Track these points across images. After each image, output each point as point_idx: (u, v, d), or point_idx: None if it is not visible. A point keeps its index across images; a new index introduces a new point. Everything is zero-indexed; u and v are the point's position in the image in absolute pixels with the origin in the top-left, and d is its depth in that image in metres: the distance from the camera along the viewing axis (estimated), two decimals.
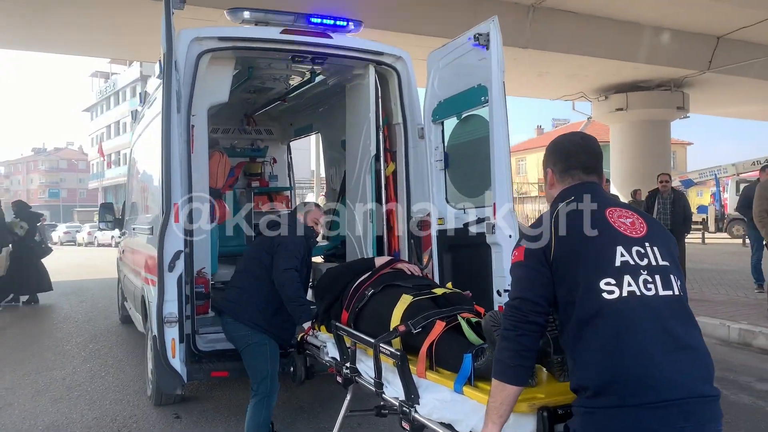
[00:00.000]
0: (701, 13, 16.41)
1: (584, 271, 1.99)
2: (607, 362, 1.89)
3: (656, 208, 9.28)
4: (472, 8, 15.55)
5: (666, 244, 2.10)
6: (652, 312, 1.94)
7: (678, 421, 1.84)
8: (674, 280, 2.03)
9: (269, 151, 8.30)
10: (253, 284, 3.95)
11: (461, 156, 5.07)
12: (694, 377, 1.90)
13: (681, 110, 21.63)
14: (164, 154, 3.68)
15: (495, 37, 4.53)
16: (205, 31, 4.62)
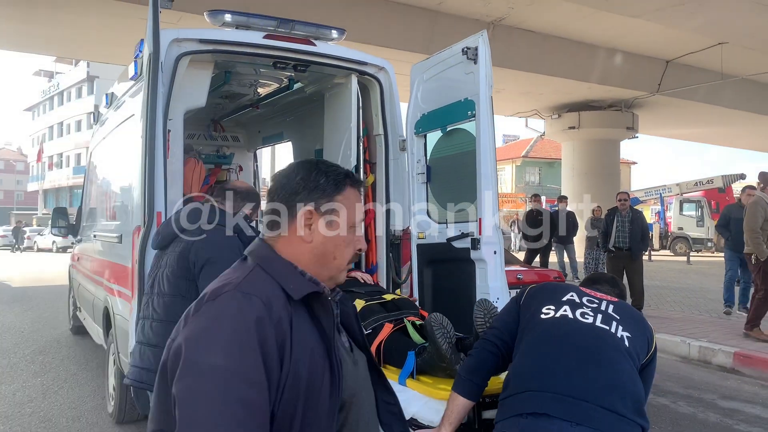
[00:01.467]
0: (652, 37, 16.96)
1: (538, 304, 2.42)
2: (523, 360, 2.27)
3: (615, 225, 9.44)
4: (431, 23, 15.70)
5: (627, 312, 2.41)
6: (574, 330, 2.26)
7: (557, 410, 2.04)
8: (616, 326, 2.29)
9: (235, 159, 8.08)
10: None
11: (445, 169, 5.02)
12: (596, 387, 2.09)
13: (630, 130, 22.30)
14: (147, 161, 3.48)
15: (483, 51, 4.52)
16: (186, 33, 4.42)
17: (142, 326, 2.93)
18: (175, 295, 2.81)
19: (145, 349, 2.86)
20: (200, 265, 2.77)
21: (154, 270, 3.00)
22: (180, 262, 2.81)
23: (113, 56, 18.51)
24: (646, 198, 27.97)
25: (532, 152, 44.71)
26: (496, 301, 4.44)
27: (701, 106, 21.13)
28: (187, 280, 2.79)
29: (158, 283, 2.91)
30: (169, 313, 2.79)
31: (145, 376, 2.79)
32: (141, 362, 2.86)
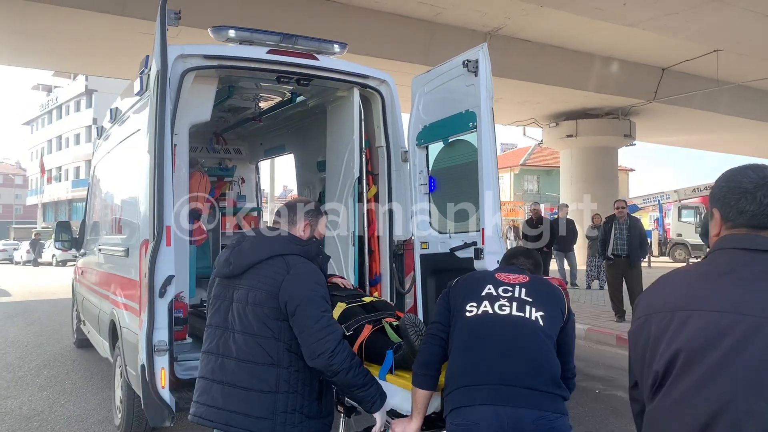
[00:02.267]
0: (648, 45, 17.08)
1: (463, 296, 2.74)
2: (455, 360, 2.61)
3: (613, 233, 9.49)
4: (429, 34, 15.82)
5: (538, 290, 2.71)
6: (497, 325, 2.58)
7: (487, 398, 2.42)
8: (530, 310, 2.61)
9: (237, 171, 8.15)
10: (281, 379, 2.65)
11: (447, 180, 5.07)
12: (521, 372, 2.46)
13: (628, 138, 22.39)
14: (156, 176, 3.53)
15: (483, 63, 4.59)
16: (191, 49, 4.49)
17: (217, 362, 2.72)
18: (267, 337, 2.66)
19: (215, 386, 2.69)
20: (294, 305, 2.65)
21: (221, 301, 2.80)
22: (270, 302, 2.66)
23: (114, 71, 18.62)
24: (644, 205, 28.04)
25: (530, 160, 44.82)
26: None
27: (698, 113, 21.26)
28: (279, 321, 2.66)
29: (240, 320, 2.69)
30: (257, 354, 2.64)
31: (211, 414, 2.67)
32: (207, 399, 2.69)
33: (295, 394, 2.66)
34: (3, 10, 12.69)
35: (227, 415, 2.63)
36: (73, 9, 12.62)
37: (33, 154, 69.84)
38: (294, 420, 2.63)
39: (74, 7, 12.58)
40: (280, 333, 2.66)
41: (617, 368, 7.43)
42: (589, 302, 12.18)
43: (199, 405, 2.74)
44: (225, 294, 2.79)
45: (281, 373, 2.64)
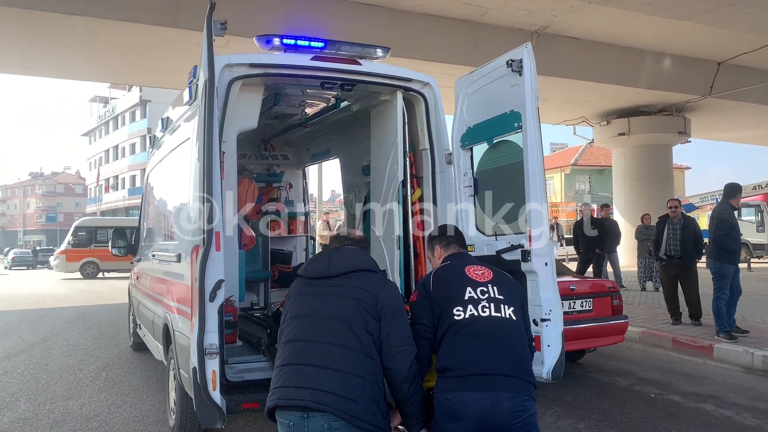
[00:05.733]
0: (702, 39, 16.59)
1: (447, 298, 3.09)
2: (448, 354, 2.98)
3: (666, 233, 9.22)
4: (474, 34, 15.72)
5: (505, 285, 3.20)
6: (482, 326, 3.00)
7: (476, 386, 2.85)
8: (504, 308, 3.08)
9: (285, 177, 8.26)
10: (369, 368, 2.83)
11: (492, 182, 5.03)
12: (501, 364, 2.92)
13: (683, 135, 21.80)
14: (206, 182, 3.62)
15: (528, 63, 4.54)
16: (237, 58, 4.58)
17: (306, 347, 2.86)
18: (362, 328, 2.88)
19: (304, 368, 2.81)
20: (389, 310, 2.96)
21: (308, 295, 3.03)
22: (369, 300, 2.93)
23: (166, 81, 19.15)
24: (701, 204, 27.09)
25: (581, 160, 44.05)
26: (549, 313, 4.44)
27: (756, 108, 20.56)
28: (374, 319, 2.91)
29: (336, 310, 2.91)
30: (351, 341, 2.83)
31: (299, 394, 2.75)
32: (296, 381, 2.79)
33: (377, 386, 2.84)
34: (63, 27, 13.19)
35: (318, 394, 2.70)
36: (127, 23, 13.05)
37: (91, 163, 72.44)
38: (374, 410, 2.77)
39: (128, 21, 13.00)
40: (373, 329, 2.90)
41: (673, 372, 7.22)
42: (643, 304, 11.88)
43: (283, 389, 2.79)
44: (314, 291, 3.02)
45: (370, 363, 2.83)
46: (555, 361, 4.38)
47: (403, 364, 2.87)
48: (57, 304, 16.06)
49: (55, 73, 19.18)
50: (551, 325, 4.39)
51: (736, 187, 8.68)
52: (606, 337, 7.01)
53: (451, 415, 2.86)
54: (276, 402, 2.77)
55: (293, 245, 8.22)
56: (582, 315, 6.81)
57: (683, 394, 6.25)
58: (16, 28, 13.38)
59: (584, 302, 6.86)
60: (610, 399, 6.21)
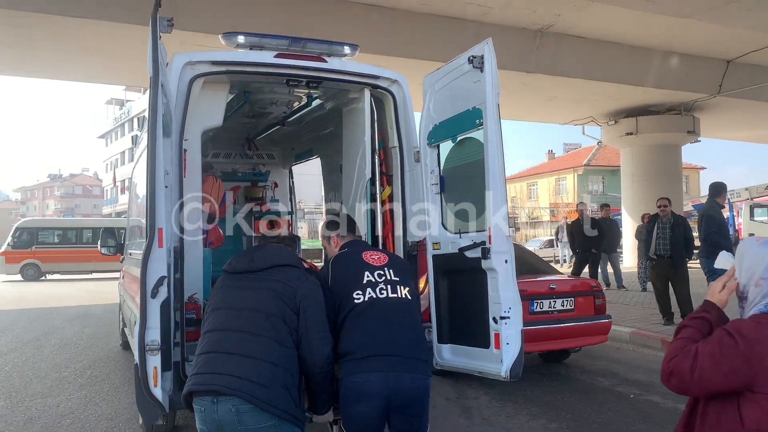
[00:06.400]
0: (710, 37, 16.37)
1: (346, 283, 3.29)
2: (351, 337, 3.16)
3: (655, 233, 9.12)
4: (477, 34, 15.61)
5: (399, 267, 3.51)
6: (381, 307, 3.23)
7: (379, 366, 3.05)
8: (401, 289, 3.34)
9: (271, 176, 8.28)
10: (283, 356, 2.88)
11: (457, 179, 4.99)
12: (401, 344, 3.17)
13: (692, 134, 21.51)
14: (149, 178, 3.63)
15: (489, 59, 4.47)
16: (198, 56, 4.59)
17: (221, 336, 2.95)
18: (279, 318, 2.97)
19: (219, 356, 2.88)
20: (306, 304, 3.07)
21: (229, 289, 3.20)
22: (288, 293, 3.03)
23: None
24: None
25: (594, 160, 43.72)
26: (508, 311, 4.39)
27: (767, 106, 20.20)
28: (291, 311, 2.99)
29: (254, 301, 3.01)
30: (266, 329, 2.92)
31: (211, 380, 2.82)
32: (208, 369, 2.86)
33: (290, 373, 2.87)
34: (79, 31, 13.31)
35: (228, 379, 2.75)
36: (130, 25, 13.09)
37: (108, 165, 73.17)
38: (286, 396, 2.80)
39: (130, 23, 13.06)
40: (290, 319, 2.97)
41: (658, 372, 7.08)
42: (640, 305, 11.72)
43: (197, 376, 2.87)
44: (236, 284, 3.16)
45: (284, 351, 2.89)
46: (514, 360, 4.32)
47: (320, 357, 2.96)
48: (60, 303, 16.26)
49: (45, 74, 19.22)
50: (510, 323, 4.33)
51: (720, 186, 8.67)
52: (588, 336, 6.94)
53: (358, 397, 3.04)
54: (189, 389, 2.84)
55: None
56: (563, 314, 6.75)
57: (663, 395, 6.16)
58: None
59: (565, 301, 6.79)
60: (589, 399, 6.14)
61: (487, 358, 4.50)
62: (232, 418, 2.70)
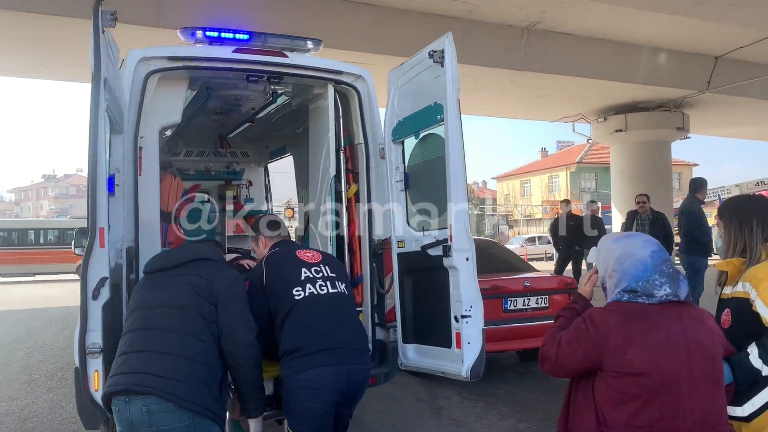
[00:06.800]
0: (698, 33, 16.30)
1: (284, 281, 3.30)
2: (296, 334, 3.15)
3: (634, 229, 9.05)
4: (463, 31, 15.51)
5: (334, 264, 3.62)
6: (323, 303, 3.26)
7: (329, 360, 3.09)
8: (339, 284, 3.41)
9: (246, 174, 8.17)
10: (201, 351, 2.80)
11: (421, 176, 4.91)
12: (348, 337, 3.24)
13: (681, 131, 21.43)
14: (89, 176, 3.52)
15: (450, 53, 4.41)
16: (154, 51, 4.49)
17: (138, 335, 2.92)
18: (194, 311, 2.95)
19: (135, 356, 2.84)
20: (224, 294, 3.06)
21: (147, 289, 3.16)
22: (205, 286, 3.01)
23: None
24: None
25: (587, 158, 43.70)
26: (469, 309, 4.30)
27: (757, 103, 20.14)
28: (208, 303, 2.95)
29: (169, 297, 2.99)
30: (181, 324, 2.89)
31: (127, 380, 2.76)
32: (124, 369, 2.80)
33: (209, 368, 2.80)
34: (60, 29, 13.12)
35: (141, 377, 2.70)
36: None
37: None
38: (204, 392, 2.73)
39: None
40: (206, 312, 2.90)
41: None
42: None
43: (112, 377, 2.81)
44: (152, 283, 3.13)
45: (201, 346, 2.82)
46: (475, 359, 4.24)
47: (242, 347, 2.89)
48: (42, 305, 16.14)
49: None
50: (471, 322, 4.25)
51: (701, 181, 8.64)
52: None
53: (309, 393, 3.03)
54: (105, 391, 2.80)
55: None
56: (537, 312, 6.67)
57: None
58: None
59: (540, 299, 6.72)
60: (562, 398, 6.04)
61: (448, 357, 4.42)
62: (143, 418, 2.64)
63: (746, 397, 2.29)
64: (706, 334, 2.16)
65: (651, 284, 2.16)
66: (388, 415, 5.73)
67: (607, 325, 2.14)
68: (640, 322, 2.12)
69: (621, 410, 2.09)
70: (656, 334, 2.09)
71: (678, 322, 2.13)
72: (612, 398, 2.11)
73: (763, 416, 2.24)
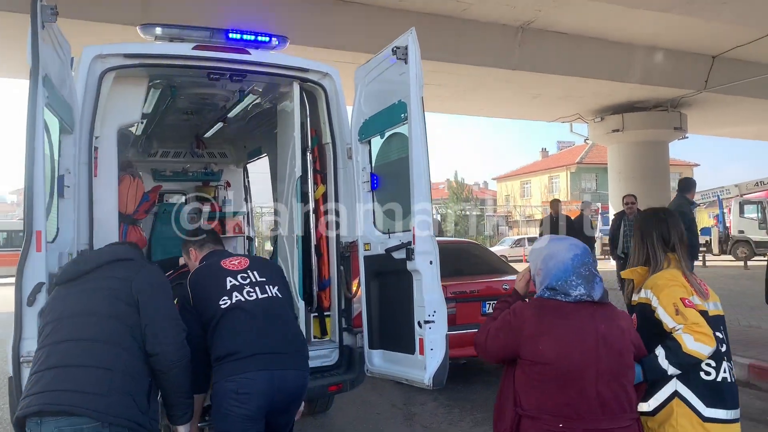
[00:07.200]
0: (695, 32, 16.14)
1: (209, 297, 3.17)
2: (226, 340, 3.06)
3: (622, 230, 8.86)
4: (457, 31, 15.39)
5: (263, 268, 3.41)
6: (252, 308, 3.14)
7: (260, 365, 2.97)
8: (269, 288, 3.26)
9: (224, 175, 8.04)
10: (120, 359, 2.59)
11: (387, 177, 4.76)
12: (281, 341, 3.11)
13: (679, 131, 21.25)
14: (26, 177, 3.38)
15: (413, 50, 4.24)
16: (109, 48, 4.35)
17: (50, 350, 2.68)
18: (109, 317, 2.76)
19: (47, 373, 2.60)
20: (146, 294, 2.88)
21: (58, 300, 2.88)
22: (123, 287, 2.82)
23: None
24: (702, 201, 26.56)
25: (587, 158, 43.47)
26: (432, 314, 4.15)
27: (754, 102, 19.96)
28: (127, 305, 2.76)
29: (82, 304, 2.76)
30: (98, 333, 2.67)
31: (40, 400, 2.52)
32: (37, 388, 2.57)
33: (132, 377, 2.60)
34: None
35: (54, 396, 2.48)
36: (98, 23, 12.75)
37: None
38: (128, 402, 2.54)
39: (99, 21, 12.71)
40: (126, 316, 2.69)
41: None
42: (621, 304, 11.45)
43: (24, 399, 2.56)
44: (64, 293, 2.85)
45: (120, 353, 2.61)
46: (438, 366, 4.09)
47: (169, 347, 2.69)
48: None
49: None
50: (435, 328, 4.11)
51: (690, 181, 8.47)
52: None
53: (240, 398, 2.92)
54: (18, 414, 2.53)
55: (232, 246, 7.96)
56: None
57: None
58: None
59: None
60: None
61: (412, 364, 4.28)
62: None
63: (650, 393, 2.54)
64: (616, 331, 2.35)
65: (568, 284, 2.36)
66: (359, 421, 5.59)
67: (524, 317, 2.37)
68: (553, 317, 2.34)
69: (533, 394, 2.31)
70: (567, 329, 2.31)
71: (590, 320, 2.33)
72: (526, 384, 2.33)
73: (665, 409, 2.49)
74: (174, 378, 2.73)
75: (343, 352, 4.87)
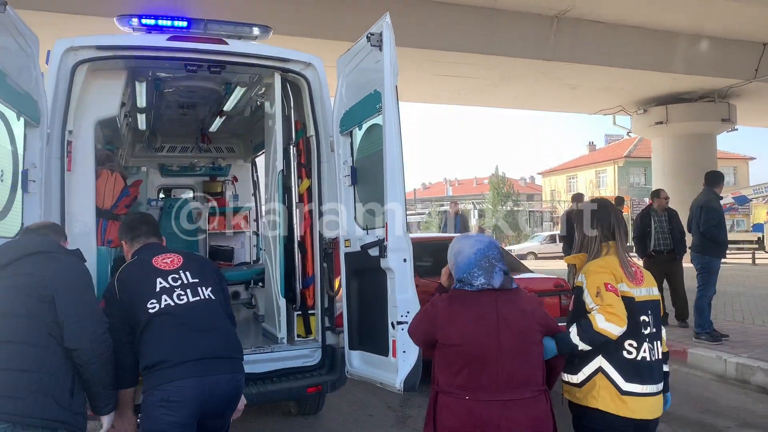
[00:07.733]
0: (742, 18, 15.38)
1: (137, 299, 3.00)
2: (154, 348, 2.90)
3: (653, 227, 8.36)
4: (489, 21, 15.01)
5: (197, 268, 3.20)
6: (182, 313, 2.98)
7: (190, 372, 2.84)
8: (202, 290, 3.10)
9: (232, 170, 7.97)
10: (35, 358, 2.51)
11: (366, 170, 4.55)
12: (212, 346, 2.96)
13: (727, 122, 20.32)
14: None
15: (388, 37, 4.02)
16: (81, 40, 4.27)
17: None
18: (22, 316, 2.63)
19: None
20: (62, 289, 2.77)
21: None
22: (35, 283, 2.72)
23: None
24: (755, 196, 25.33)
25: (636, 152, 42.16)
26: (405, 315, 3.94)
27: None
28: (40, 302, 2.66)
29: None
30: (13, 333, 2.57)
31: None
32: None
33: (50, 375, 2.53)
34: None
35: None
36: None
37: None
38: (47, 402, 2.49)
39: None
40: (40, 314, 2.59)
41: None
42: None
43: None
44: None
45: (35, 352, 2.53)
46: (410, 370, 3.89)
47: (88, 342, 2.62)
48: None
49: None
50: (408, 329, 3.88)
51: (719, 174, 7.94)
52: None
53: (170, 407, 2.81)
54: None
55: (240, 241, 7.90)
56: None
57: None
58: None
59: None
60: None
61: (385, 367, 4.08)
62: None
63: (578, 368, 2.81)
64: (518, 314, 2.61)
65: (472, 276, 2.64)
66: (350, 423, 5.42)
67: (438, 308, 2.67)
68: (460, 305, 2.62)
69: (445, 373, 2.59)
70: (471, 314, 2.59)
71: (492, 305, 2.59)
72: (441, 364, 2.62)
73: (590, 382, 2.77)
74: (95, 371, 2.67)
75: (326, 351, 4.71)
